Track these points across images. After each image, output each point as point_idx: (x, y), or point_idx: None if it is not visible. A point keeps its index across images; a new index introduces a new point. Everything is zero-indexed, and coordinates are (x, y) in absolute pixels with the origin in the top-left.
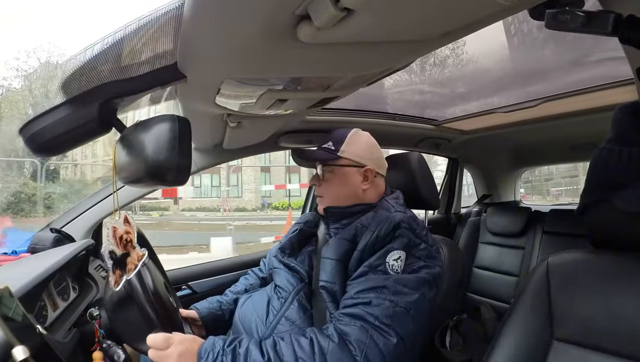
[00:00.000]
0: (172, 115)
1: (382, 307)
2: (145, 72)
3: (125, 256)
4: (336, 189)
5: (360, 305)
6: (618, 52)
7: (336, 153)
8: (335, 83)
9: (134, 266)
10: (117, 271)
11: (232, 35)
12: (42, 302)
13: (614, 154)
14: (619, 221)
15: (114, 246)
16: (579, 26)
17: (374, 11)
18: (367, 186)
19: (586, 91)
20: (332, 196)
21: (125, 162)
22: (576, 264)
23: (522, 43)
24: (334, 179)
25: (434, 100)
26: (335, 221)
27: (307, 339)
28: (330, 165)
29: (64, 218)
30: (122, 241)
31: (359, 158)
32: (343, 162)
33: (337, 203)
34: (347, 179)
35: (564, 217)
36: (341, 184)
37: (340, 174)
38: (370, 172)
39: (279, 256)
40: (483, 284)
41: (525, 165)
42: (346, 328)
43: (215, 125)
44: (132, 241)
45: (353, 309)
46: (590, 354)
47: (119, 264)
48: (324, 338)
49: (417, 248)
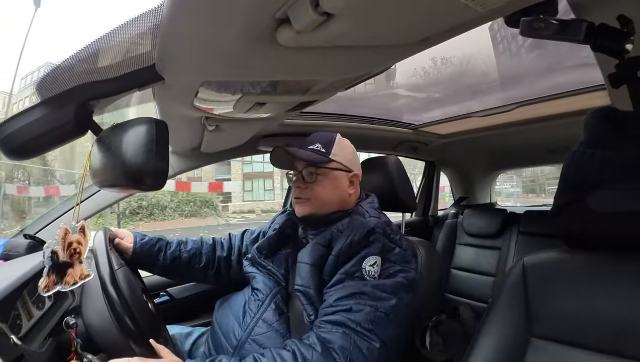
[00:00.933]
0: (149, 118)
1: (363, 312)
2: (123, 73)
3: (68, 265)
4: (326, 192)
5: (341, 312)
6: (590, 59)
7: (328, 156)
8: (314, 87)
9: (74, 282)
10: (52, 276)
11: (211, 37)
12: (16, 312)
13: (586, 156)
14: (592, 221)
15: (59, 248)
16: (552, 34)
17: (353, 16)
18: (352, 191)
19: (560, 96)
20: (321, 199)
21: (101, 166)
22: (551, 264)
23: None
24: (323, 182)
25: (411, 104)
26: (314, 228)
27: (289, 352)
28: (322, 167)
29: (38, 223)
30: (69, 248)
31: (347, 163)
32: (334, 165)
33: (324, 207)
34: (336, 183)
35: (538, 218)
36: (332, 187)
37: (331, 177)
38: (356, 178)
39: (255, 255)
40: (461, 285)
41: (501, 168)
42: (328, 335)
43: (193, 128)
44: (80, 254)
45: (333, 316)
46: (567, 350)
47: (58, 269)
48: (307, 348)
49: (392, 252)
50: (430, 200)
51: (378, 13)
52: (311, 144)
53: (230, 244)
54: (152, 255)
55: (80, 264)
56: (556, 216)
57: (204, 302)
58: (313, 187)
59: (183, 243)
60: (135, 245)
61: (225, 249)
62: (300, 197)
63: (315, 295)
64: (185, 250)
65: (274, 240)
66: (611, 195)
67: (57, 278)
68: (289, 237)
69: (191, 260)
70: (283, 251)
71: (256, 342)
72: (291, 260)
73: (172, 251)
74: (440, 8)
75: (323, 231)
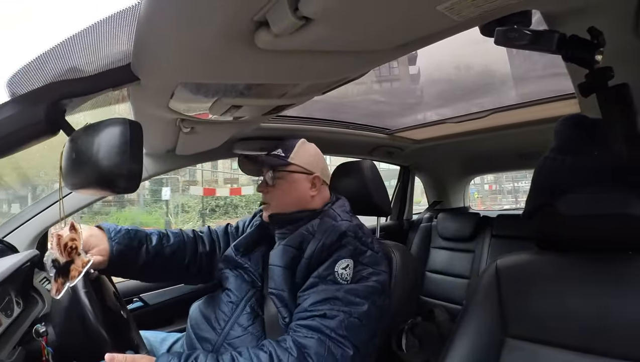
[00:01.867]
0: (123, 118)
1: (337, 319)
2: (97, 72)
3: (69, 263)
4: (284, 195)
5: (316, 317)
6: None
7: (286, 159)
8: (290, 91)
9: (78, 273)
10: (59, 279)
11: (188, 38)
12: None
13: (557, 162)
14: (562, 224)
15: (57, 254)
16: (526, 43)
17: (332, 21)
18: (314, 193)
19: (532, 104)
20: (279, 201)
21: (73, 168)
22: (523, 265)
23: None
24: (283, 185)
25: (387, 110)
26: (280, 226)
27: (266, 354)
28: (280, 170)
29: (5, 227)
30: (66, 249)
31: (307, 165)
32: (293, 168)
33: (284, 209)
34: (296, 185)
35: (510, 222)
36: (290, 189)
37: (290, 180)
38: (317, 180)
39: (232, 253)
40: (436, 287)
41: (475, 172)
42: (304, 341)
43: (168, 130)
44: (77, 248)
45: (309, 321)
46: (541, 349)
47: (62, 271)
48: (283, 352)
49: (364, 255)
50: (405, 204)
51: (356, 19)
52: (274, 149)
53: (211, 238)
54: (133, 249)
55: (79, 255)
56: (528, 219)
57: (179, 308)
58: (273, 191)
59: (164, 236)
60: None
61: (207, 244)
62: (264, 202)
63: (289, 298)
64: (168, 244)
65: (251, 238)
66: (580, 199)
67: (63, 278)
68: (265, 236)
69: (174, 256)
70: (258, 250)
71: (232, 346)
72: (266, 260)
73: (154, 244)
74: (417, 15)
75: (292, 231)
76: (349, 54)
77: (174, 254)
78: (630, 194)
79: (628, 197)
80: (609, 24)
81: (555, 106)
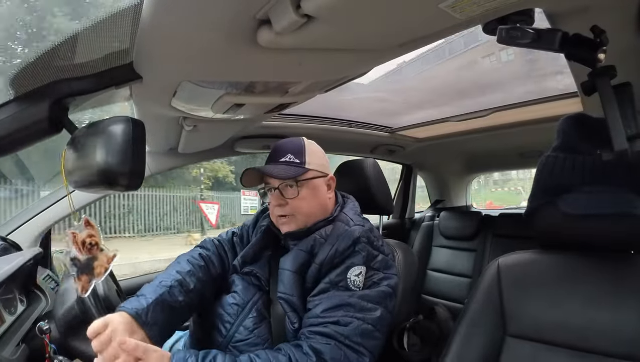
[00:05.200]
0: (126, 117)
1: (351, 326)
2: (100, 70)
3: (92, 259)
4: (308, 204)
5: (330, 324)
6: (564, 68)
7: (304, 166)
8: (292, 89)
9: (104, 269)
10: (83, 277)
11: (190, 36)
12: None
13: (559, 161)
14: (564, 223)
15: (76, 252)
16: (528, 42)
17: (333, 20)
18: (331, 195)
19: (534, 102)
20: (305, 212)
21: (76, 166)
22: (525, 264)
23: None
24: (305, 194)
25: (389, 108)
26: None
27: (285, 357)
28: (301, 180)
29: (9, 225)
30: (85, 246)
31: (321, 167)
32: (312, 174)
33: (309, 220)
34: (316, 191)
35: (513, 221)
36: (312, 196)
37: (311, 187)
38: (332, 181)
39: (238, 265)
40: (437, 286)
41: (477, 171)
42: (320, 347)
43: (171, 128)
44: (97, 244)
45: (322, 328)
46: (541, 348)
47: (85, 269)
48: (302, 356)
49: (375, 260)
50: (407, 202)
51: (358, 17)
52: (282, 155)
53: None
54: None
55: (102, 251)
56: (530, 218)
57: None
58: (295, 201)
59: (183, 283)
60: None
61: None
62: (284, 215)
63: (298, 303)
64: (190, 289)
65: (258, 246)
66: (581, 198)
67: (88, 276)
68: (271, 239)
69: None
70: (265, 253)
71: (237, 348)
72: (273, 264)
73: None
74: (419, 14)
75: (305, 238)
76: (350, 52)
77: (198, 293)
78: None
79: (630, 196)
80: (612, 22)
81: (557, 105)
